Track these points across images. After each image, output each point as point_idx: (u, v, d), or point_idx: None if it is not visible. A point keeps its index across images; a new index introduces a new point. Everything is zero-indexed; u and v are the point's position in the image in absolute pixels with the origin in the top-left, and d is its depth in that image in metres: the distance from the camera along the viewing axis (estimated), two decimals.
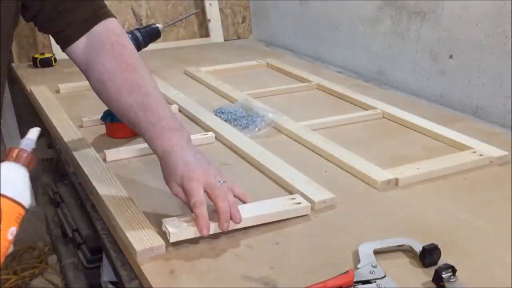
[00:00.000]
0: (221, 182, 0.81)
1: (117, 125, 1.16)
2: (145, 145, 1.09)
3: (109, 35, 0.88)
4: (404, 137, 1.21)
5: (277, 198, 0.89)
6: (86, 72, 0.91)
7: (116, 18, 0.93)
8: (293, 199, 0.89)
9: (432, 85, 1.51)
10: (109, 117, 1.17)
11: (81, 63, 0.91)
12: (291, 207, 0.86)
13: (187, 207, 0.81)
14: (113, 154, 1.08)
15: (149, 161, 1.08)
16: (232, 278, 0.72)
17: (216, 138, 1.18)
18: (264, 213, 0.84)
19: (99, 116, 1.23)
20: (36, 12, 0.86)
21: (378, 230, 0.84)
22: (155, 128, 0.84)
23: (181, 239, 0.78)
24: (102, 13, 0.90)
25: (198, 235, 0.77)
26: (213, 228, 0.78)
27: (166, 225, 0.78)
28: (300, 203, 0.88)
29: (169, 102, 1.42)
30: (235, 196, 0.83)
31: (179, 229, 0.78)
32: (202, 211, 0.77)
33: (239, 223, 0.79)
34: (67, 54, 0.92)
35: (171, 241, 0.77)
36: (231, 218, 0.78)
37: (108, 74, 0.86)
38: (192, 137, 1.13)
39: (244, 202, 0.85)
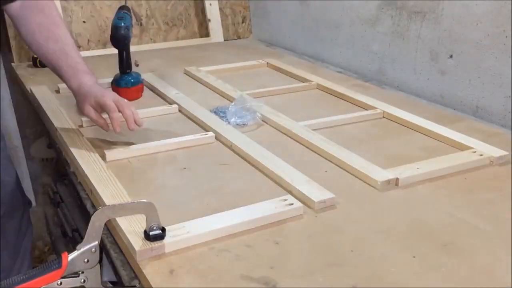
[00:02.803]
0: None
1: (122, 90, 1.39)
2: (145, 145, 1.10)
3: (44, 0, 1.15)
4: (404, 137, 1.21)
5: (268, 200, 0.89)
6: (19, 25, 1.15)
7: None
8: (285, 200, 0.89)
9: (432, 85, 1.51)
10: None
11: (15, 17, 1.15)
12: (283, 208, 0.87)
13: (96, 123, 1.10)
14: (113, 154, 1.08)
15: (149, 161, 1.08)
16: (232, 278, 0.72)
17: (215, 138, 1.18)
18: (256, 216, 0.84)
19: None
20: None
21: (378, 230, 0.84)
22: (73, 70, 1.12)
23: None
24: None
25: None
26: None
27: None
28: (292, 204, 0.88)
29: (169, 102, 1.42)
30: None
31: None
32: (117, 115, 1.05)
33: (140, 125, 1.09)
34: (4, 9, 1.16)
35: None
36: (136, 123, 1.07)
37: (38, 26, 1.13)
38: (192, 137, 1.14)
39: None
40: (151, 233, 0.76)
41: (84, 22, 1.98)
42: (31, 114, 1.96)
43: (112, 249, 0.84)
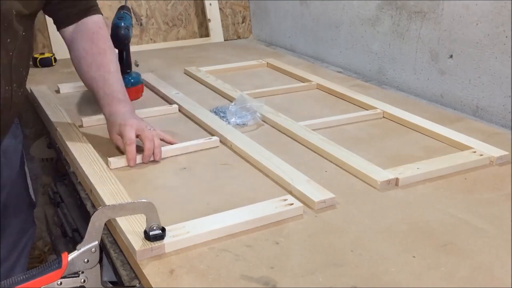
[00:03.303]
0: (150, 129, 1.08)
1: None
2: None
3: (94, 26, 1.17)
4: (404, 137, 1.21)
5: (268, 200, 0.89)
6: (70, 49, 1.18)
7: (102, 15, 1.22)
8: (285, 200, 0.89)
9: (432, 85, 1.51)
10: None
11: (68, 40, 1.18)
12: (283, 208, 0.87)
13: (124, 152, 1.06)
14: (117, 162, 1.05)
15: (150, 161, 1.08)
16: (232, 278, 0.72)
17: (220, 140, 1.18)
18: (256, 217, 0.84)
19: (99, 116, 1.23)
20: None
21: (378, 230, 0.84)
22: (108, 97, 1.12)
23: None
24: (93, 10, 1.18)
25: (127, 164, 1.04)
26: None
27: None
28: (292, 204, 0.88)
29: (169, 101, 1.42)
30: (163, 140, 1.11)
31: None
32: (131, 148, 1.04)
33: (158, 160, 1.06)
34: (60, 33, 1.19)
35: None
36: (154, 158, 1.06)
37: (84, 52, 1.15)
38: (196, 141, 1.13)
39: (170, 143, 1.12)
40: (151, 233, 0.76)
41: None
42: (31, 114, 1.96)
43: (112, 249, 0.84)
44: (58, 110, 1.32)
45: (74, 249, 0.71)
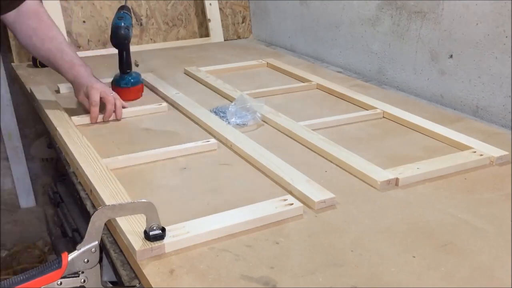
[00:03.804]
0: (112, 93, 1.29)
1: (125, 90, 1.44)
2: (147, 153, 1.09)
3: (35, 7, 1.29)
4: (404, 137, 1.21)
5: (268, 200, 0.89)
6: (16, 31, 1.28)
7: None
8: (285, 200, 0.89)
9: (432, 85, 1.51)
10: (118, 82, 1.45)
11: (11, 24, 1.27)
12: (283, 208, 0.87)
13: (88, 111, 1.26)
14: (114, 163, 1.05)
15: (149, 161, 1.08)
16: (232, 278, 0.72)
17: (215, 137, 1.18)
18: (256, 217, 0.84)
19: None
20: None
21: (378, 230, 0.84)
22: (68, 64, 1.28)
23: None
24: None
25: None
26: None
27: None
28: (292, 204, 0.88)
29: (170, 101, 1.42)
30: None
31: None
32: (96, 109, 1.25)
33: (119, 119, 1.29)
34: (1, 19, 1.27)
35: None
36: (116, 117, 1.29)
37: (34, 30, 1.27)
38: (193, 144, 1.13)
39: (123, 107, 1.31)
40: (151, 233, 0.76)
41: (84, 22, 1.99)
42: (31, 114, 1.96)
43: (112, 249, 0.84)
44: (58, 110, 1.32)
45: (74, 249, 0.71)
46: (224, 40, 2.22)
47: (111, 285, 1.29)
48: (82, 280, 0.71)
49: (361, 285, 0.71)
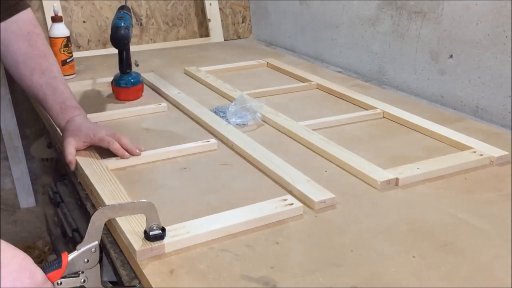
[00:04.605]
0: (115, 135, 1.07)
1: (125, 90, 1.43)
2: (147, 153, 1.09)
3: (26, 24, 1.05)
4: (404, 137, 1.21)
5: (268, 200, 0.89)
6: (3, 53, 1.05)
7: (30, 7, 1.08)
8: (285, 200, 0.89)
9: (432, 85, 1.51)
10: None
11: None
12: (284, 208, 0.87)
13: (71, 162, 1.04)
14: (115, 163, 1.05)
15: (149, 161, 1.08)
16: (232, 278, 0.72)
17: (215, 137, 1.18)
18: (256, 216, 0.84)
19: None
20: None
21: (378, 230, 0.84)
22: (61, 106, 1.07)
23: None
24: (19, 5, 1.05)
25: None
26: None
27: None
28: (292, 204, 0.88)
29: (170, 101, 1.42)
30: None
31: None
32: (117, 146, 1.03)
33: (141, 151, 1.06)
34: None
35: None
36: (131, 153, 1.05)
37: (23, 56, 1.04)
38: (193, 144, 1.13)
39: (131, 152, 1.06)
40: (151, 233, 0.76)
41: (84, 22, 1.99)
42: (31, 114, 1.96)
43: (112, 249, 0.84)
44: None
45: (74, 249, 0.71)
46: (224, 40, 2.22)
47: (111, 285, 1.29)
48: (82, 280, 0.71)
49: (361, 285, 0.71)
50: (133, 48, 1.58)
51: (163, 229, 0.77)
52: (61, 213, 1.72)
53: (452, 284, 0.71)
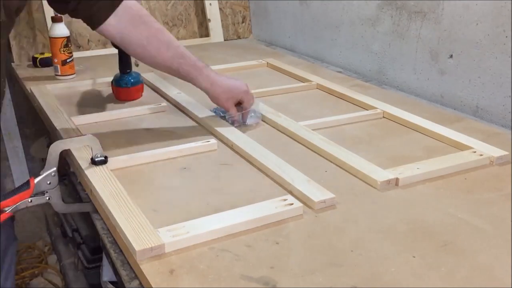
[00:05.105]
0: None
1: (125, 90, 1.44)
2: (147, 153, 1.09)
3: (134, 8, 1.11)
4: (404, 137, 1.21)
5: (268, 200, 0.89)
6: (123, 43, 1.13)
7: None
8: (285, 200, 0.89)
9: (432, 85, 1.51)
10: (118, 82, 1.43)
11: (115, 36, 1.11)
12: (283, 208, 0.87)
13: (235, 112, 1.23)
14: (115, 162, 1.04)
15: (149, 161, 1.08)
16: (232, 278, 0.72)
17: (216, 137, 1.18)
18: (256, 216, 0.84)
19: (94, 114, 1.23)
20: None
21: (378, 230, 0.84)
22: (194, 70, 1.17)
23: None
24: None
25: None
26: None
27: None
28: (292, 204, 0.88)
29: (171, 101, 1.42)
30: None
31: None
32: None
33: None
34: (99, 32, 1.10)
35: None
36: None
37: (146, 39, 1.11)
38: (193, 144, 1.13)
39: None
40: (96, 159, 0.98)
41: None
42: (31, 114, 1.96)
43: (112, 249, 0.84)
44: (58, 110, 1.32)
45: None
46: (224, 40, 2.22)
47: (111, 285, 1.29)
48: (47, 198, 0.91)
49: (361, 285, 0.71)
50: None
51: (106, 157, 0.98)
52: (61, 213, 1.72)
53: (452, 284, 0.71)
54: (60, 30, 1.60)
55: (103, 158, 0.98)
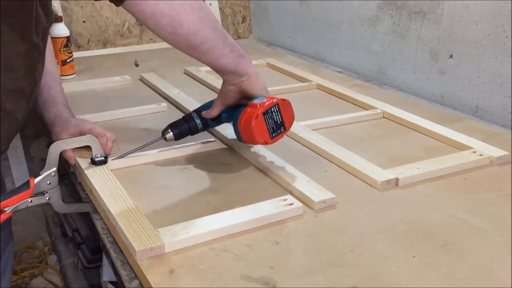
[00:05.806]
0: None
1: None
2: (148, 153, 1.08)
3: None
4: (404, 137, 1.21)
5: (268, 200, 0.89)
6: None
7: None
8: (285, 200, 0.89)
9: (432, 85, 1.51)
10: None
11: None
12: (283, 208, 0.87)
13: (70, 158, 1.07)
14: (115, 163, 1.04)
15: (149, 161, 1.08)
16: (232, 278, 0.72)
17: (216, 137, 1.18)
18: (256, 216, 0.84)
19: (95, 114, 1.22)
20: None
21: (378, 230, 0.84)
22: (53, 100, 1.15)
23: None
24: None
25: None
26: None
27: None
28: (292, 204, 0.88)
29: (171, 101, 1.42)
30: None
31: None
32: (110, 136, 1.06)
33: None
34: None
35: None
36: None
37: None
38: (194, 144, 1.13)
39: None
40: (96, 159, 0.99)
41: (84, 22, 1.99)
42: (31, 114, 1.96)
43: (112, 249, 0.84)
44: None
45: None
46: None
47: (111, 285, 1.29)
48: (47, 198, 0.90)
49: (361, 285, 0.71)
50: (133, 48, 1.58)
51: (106, 157, 0.99)
52: (61, 213, 1.72)
53: (452, 284, 0.71)
54: (60, 30, 1.60)
55: (103, 158, 0.99)
